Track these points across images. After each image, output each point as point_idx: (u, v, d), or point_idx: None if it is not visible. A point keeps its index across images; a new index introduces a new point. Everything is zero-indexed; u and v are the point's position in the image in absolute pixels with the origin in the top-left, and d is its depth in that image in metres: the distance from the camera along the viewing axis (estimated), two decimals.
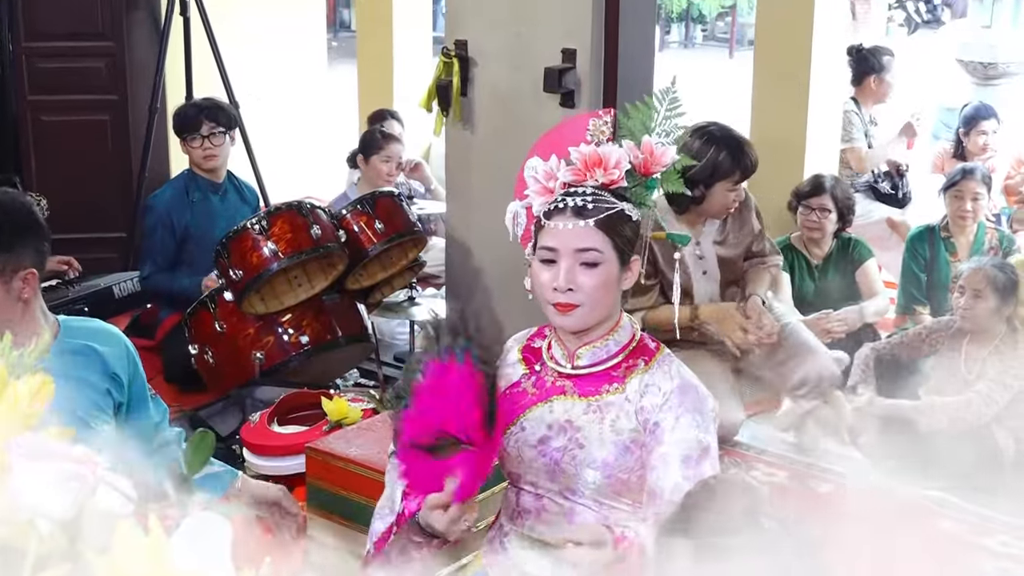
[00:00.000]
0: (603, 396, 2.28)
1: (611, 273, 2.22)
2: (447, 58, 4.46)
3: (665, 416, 2.22)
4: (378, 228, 4.59)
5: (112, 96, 6.13)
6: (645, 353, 2.32)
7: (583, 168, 2.26)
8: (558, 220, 2.22)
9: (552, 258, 2.23)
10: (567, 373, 2.32)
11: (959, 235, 5.28)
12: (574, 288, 2.21)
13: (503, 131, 4.46)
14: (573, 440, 2.25)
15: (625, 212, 2.23)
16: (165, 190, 4.98)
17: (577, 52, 4.18)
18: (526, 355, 2.40)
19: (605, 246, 2.20)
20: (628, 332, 2.33)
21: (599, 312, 2.25)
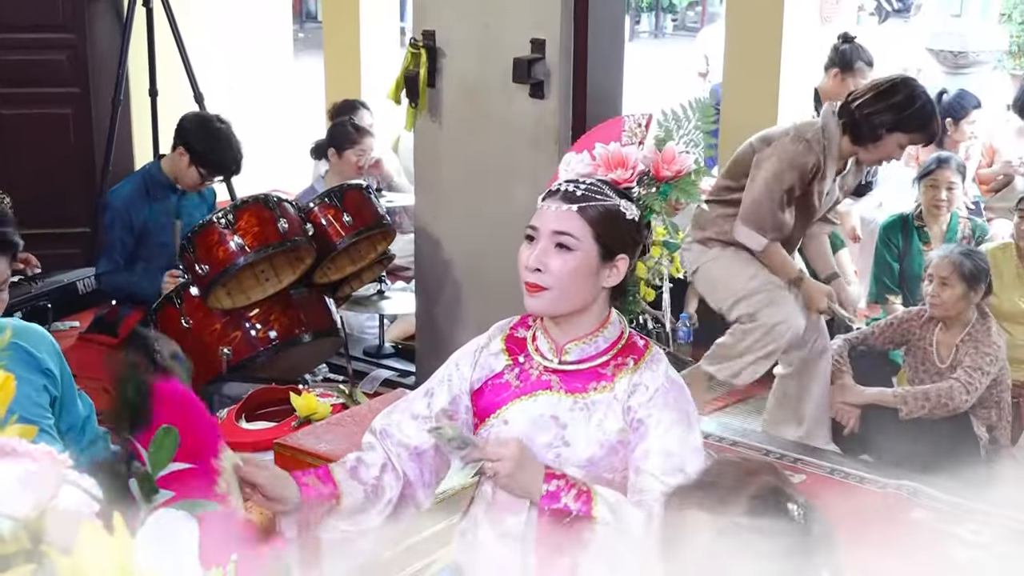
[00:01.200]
0: (590, 394, 2.24)
1: (585, 262, 2.18)
2: (415, 49, 4.43)
3: (650, 413, 2.20)
4: (346, 221, 4.55)
5: (74, 89, 6.05)
6: (634, 351, 2.28)
7: (604, 165, 2.26)
8: (548, 201, 2.21)
9: (533, 236, 2.21)
10: (553, 368, 2.27)
11: (933, 224, 5.29)
12: (542, 269, 2.18)
13: (472, 122, 4.43)
14: (559, 437, 2.22)
15: (619, 208, 2.19)
16: (124, 186, 4.90)
17: (546, 42, 4.15)
18: (509, 345, 2.34)
19: (583, 234, 2.17)
20: (616, 329, 2.30)
21: (567, 300, 2.21)
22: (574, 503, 2.09)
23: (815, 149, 4.08)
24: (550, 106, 4.22)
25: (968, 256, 4.33)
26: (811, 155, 4.06)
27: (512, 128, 4.33)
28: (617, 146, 2.27)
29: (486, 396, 2.31)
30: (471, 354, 2.36)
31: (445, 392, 2.34)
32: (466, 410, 2.32)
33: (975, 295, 4.29)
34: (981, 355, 4.22)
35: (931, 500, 3.82)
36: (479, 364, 2.34)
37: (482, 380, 2.31)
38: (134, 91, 6.08)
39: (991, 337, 4.26)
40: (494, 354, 2.34)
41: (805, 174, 4.08)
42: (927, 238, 5.28)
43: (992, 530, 3.64)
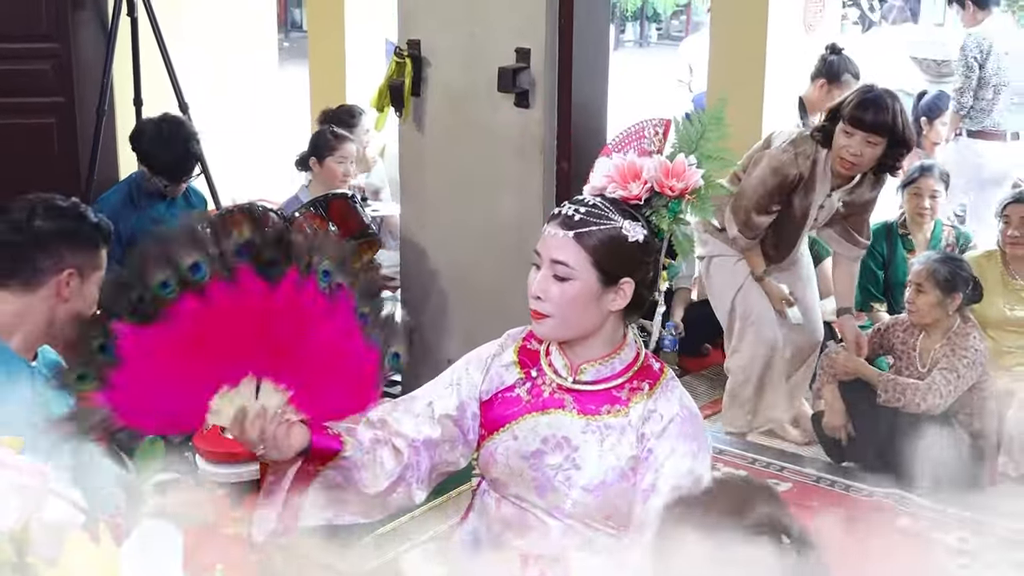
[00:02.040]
0: (603, 417, 2.19)
1: (585, 291, 2.13)
2: (400, 58, 4.43)
3: (661, 444, 2.16)
4: (331, 231, 4.54)
5: (58, 98, 6.02)
6: (650, 376, 2.23)
7: (618, 176, 2.18)
8: (551, 225, 2.16)
9: (538, 262, 2.18)
10: (567, 386, 2.22)
11: (917, 232, 5.31)
12: (542, 297, 2.15)
13: (457, 131, 4.43)
14: (569, 460, 2.18)
15: (620, 231, 2.12)
16: (111, 195, 4.89)
17: (531, 52, 4.16)
18: (522, 358, 2.29)
19: (580, 263, 2.11)
20: (632, 351, 2.25)
21: (571, 327, 2.17)
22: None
23: (800, 161, 4.22)
24: (535, 115, 4.23)
25: (945, 263, 4.33)
26: (794, 167, 4.23)
27: (497, 137, 4.33)
28: (634, 157, 2.20)
29: (495, 408, 2.26)
30: (483, 361, 2.31)
31: (453, 397, 2.28)
32: (472, 417, 2.27)
33: (951, 302, 4.29)
34: (958, 358, 4.23)
35: (918, 508, 3.83)
36: (491, 374, 2.29)
37: (492, 391, 2.27)
38: (119, 100, 6.06)
39: (969, 341, 4.26)
40: (506, 365, 2.29)
41: (785, 184, 4.25)
42: (911, 246, 5.30)
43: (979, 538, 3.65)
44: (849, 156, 4.19)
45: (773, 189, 4.26)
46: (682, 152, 2.22)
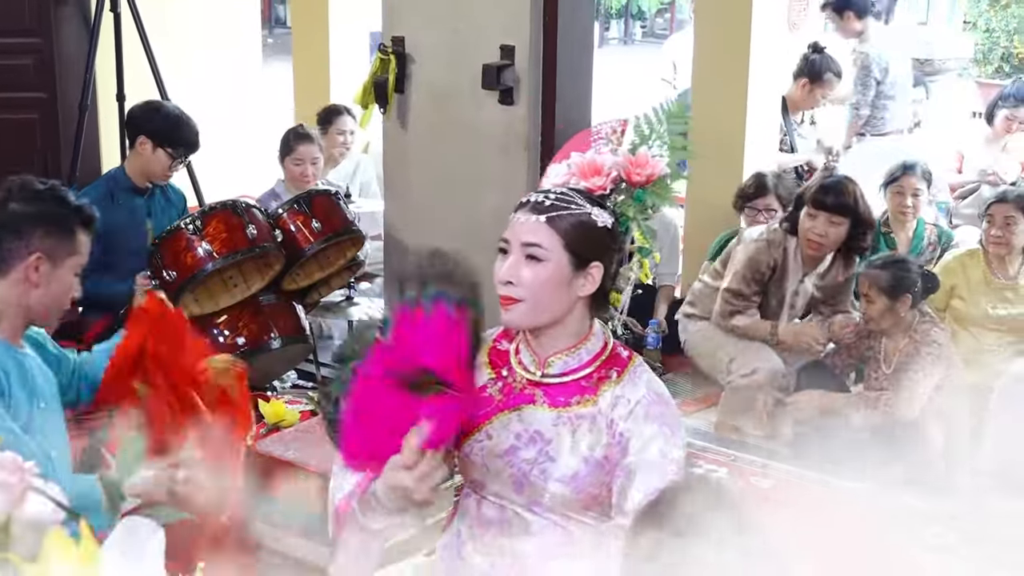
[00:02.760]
0: (573, 407, 2.21)
1: (557, 273, 2.17)
2: (384, 55, 4.43)
3: (631, 428, 2.18)
4: (315, 227, 4.54)
5: (40, 94, 5.99)
6: (617, 363, 2.25)
7: (579, 173, 2.26)
8: (518, 213, 2.20)
9: (506, 249, 2.20)
10: (536, 380, 2.25)
11: (899, 231, 5.33)
12: (514, 281, 2.17)
13: (441, 128, 4.43)
14: (543, 453, 2.19)
15: (590, 216, 2.17)
16: (89, 191, 4.85)
17: (515, 49, 4.16)
18: (492, 358, 2.32)
19: (553, 244, 2.15)
20: (600, 341, 2.28)
21: (542, 312, 2.19)
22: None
23: (772, 251, 4.53)
24: (519, 112, 4.23)
25: (886, 267, 4.30)
26: (767, 255, 4.53)
27: (481, 134, 4.33)
28: (593, 154, 2.26)
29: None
30: None
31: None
32: None
33: (901, 304, 4.26)
34: (922, 356, 4.23)
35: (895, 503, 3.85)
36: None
37: None
38: (101, 96, 6.04)
39: (931, 336, 4.26)
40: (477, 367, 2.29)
41: (761, 272, 4.53)
42: (894, 244, 5.32)
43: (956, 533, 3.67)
44: (815, 237, 4.43)
45: (750, 278, 4.53)
46: (644, 144, 2.29)
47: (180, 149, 4.71)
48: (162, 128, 4.68)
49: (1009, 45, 11.30)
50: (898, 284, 4.25)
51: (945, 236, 5.45)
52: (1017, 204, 4.77)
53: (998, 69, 11.13)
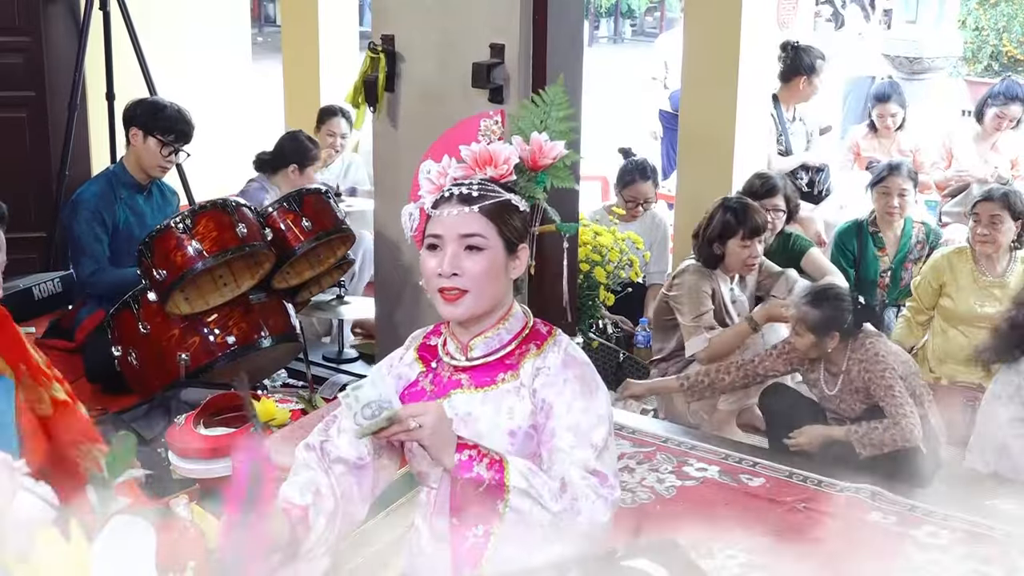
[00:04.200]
0: (499, 385, 2.27)
1: (496, 260, 2.23)
2: (374, 53, 4.42)
3: (551, 391, 2.24)
4: (305, 226, 4.53)
5: (29, 92, 5.99)
6: (537, 338, 2.32)
7: (473, 165, 2.30)
8: (444, 208, 2.24)
9: (437, 244, 2.24)
10: (462, 366, 2.31)
11: (887, 230, 5.35)
12: (459, 273, 2.21)
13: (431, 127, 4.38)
14: (474, 432, 2.23)
15: (512, 202, 2.27)
16: (91, 186, 4.87)
17: (505, 47, 4.15)
18: (422, 354, 2.39)
19: (490, 232, 2.23)
20: (520, 320, 2.34)
21: (486, 299, 2.25)
22: (486, 472, 2.10)
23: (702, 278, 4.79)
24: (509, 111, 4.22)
25: (815, 303, 4.22)
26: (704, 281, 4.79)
27: None
28: (484, 146, 2.32)
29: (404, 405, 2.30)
30: (387, 367, 2.40)
31: None
32: None
33: (830, 340, 4.21)
34: (881, 377, 4.16)
35: (888, 503, 3.85)
36: (398, 375, 2.37)
37: (399, 390, 2.32)
38: (91, 95, 6.03)
39: (875, 353, 4.19)
40: (408, 364, 2.39)
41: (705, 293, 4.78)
42: (882, 244, 5.34)
43: (949, 532, 3.67)
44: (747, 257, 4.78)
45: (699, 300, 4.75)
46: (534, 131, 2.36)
47: (169, 136, 4.73)
48: (147, 115, 4.77)
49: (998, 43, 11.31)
50: (826, 322, 4.20)
51: (933, 234, 5.47)
52: (1003, 202, 4.79)
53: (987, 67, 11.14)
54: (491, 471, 2.10)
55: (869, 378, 4.19)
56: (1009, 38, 11.33)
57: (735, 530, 3.58)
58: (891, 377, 4.15)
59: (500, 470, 2.11)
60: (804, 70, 6.21)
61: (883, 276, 5.38)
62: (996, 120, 6.38)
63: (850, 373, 4.25)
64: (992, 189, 5.05)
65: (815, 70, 6.23)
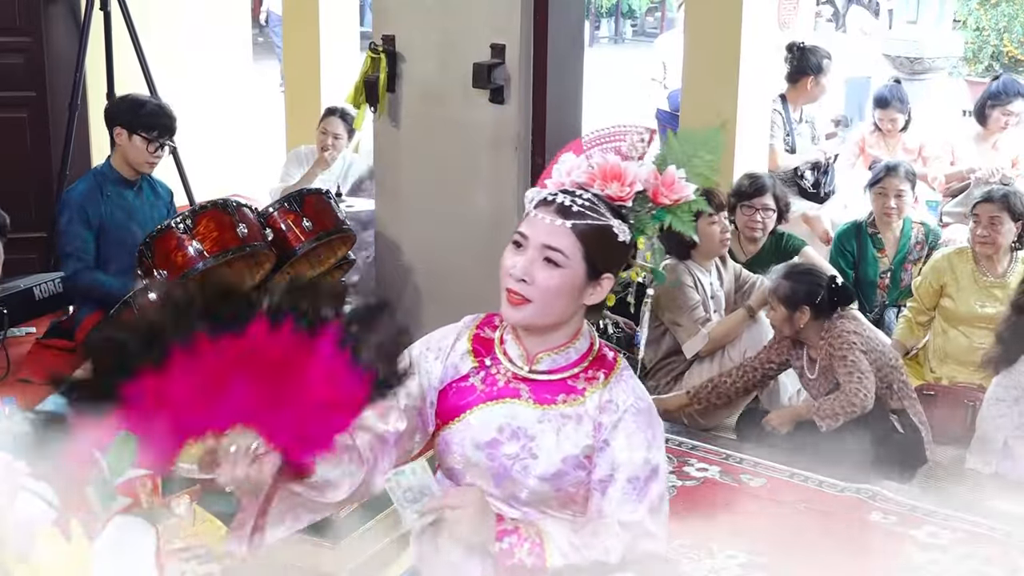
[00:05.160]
0: (559, 406, 2.20)
1: (571, 280, 2.14)
2: (374, 53, 4.42)
3: (616, 435, 2.17)
4: (306, 226, 4.53)
5: (30, 92, 5.98)
6: (604, 365, 2.24)
7: (600, 175, 2.19)
8: (540, 211, 2.15)
9: (521, 243, 2.15)
10: (523, 376, 2.23)
11: (885, 231, 5.34)
12: (528, 280, 2.13)
13: (432, 127, 4.43)
14: (526, 449, 2.18)
15: (612, 229, 2.15)
16: (78, 185, 4.88)
17: (506, 48, 4.16)
18: (476, 346, 2.28)
19: (574, 252, 2.12)
20: (587, 341, 2.26)
21: (548, 315, 2.17)
22: (528, 557, 2.09)
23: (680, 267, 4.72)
24: (510, 111, 4.23)
25: (788, 277, 4.34)
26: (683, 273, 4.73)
27: (472, 133, 4.33)
28: (617, 159, 2.20)
29: (450, 398, 2.25)
30: (441, 350, 2.30)
31: (415, 386, 2.25)
32: (431, 406, 2.26)
33: (800, 315, 4.28)
34: (841, 352, 4.23)
35: (889, 503, 3.85)
36: (447, 363, 2.28)
37: (447, 381, 2.26)
38: (91, 95, 6.03)
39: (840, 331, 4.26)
40: (460, 355, 2.28)
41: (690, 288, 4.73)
42: (881, 244, 5.33)
43: (949, 533, 3.67)
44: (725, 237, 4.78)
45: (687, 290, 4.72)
46: (673, 164, 2.23)
47: (153, 132, 4.73)
48: (128, 113, 4.76)
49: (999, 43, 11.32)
50: (794, 295, 4.28)
51: (933, 235, 5.46)
52: (1003, 204, 4.79)
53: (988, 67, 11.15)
54: (532, 555, 2.09)
55: (832, 354, 4.26)
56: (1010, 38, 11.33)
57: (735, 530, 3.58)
58: (848, 350, 4.21)
59: (541, 553, 2.09)
60: (811, 70, 6.20)
61: (883, 277, 5.37)
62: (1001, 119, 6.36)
63: (823, 354, 4.31)
64: (992, 190, 5.04)
65: (822, 70, 6.22)
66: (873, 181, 5.37)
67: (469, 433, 2.22)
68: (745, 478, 4.05)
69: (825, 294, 4.28)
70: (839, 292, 4.33)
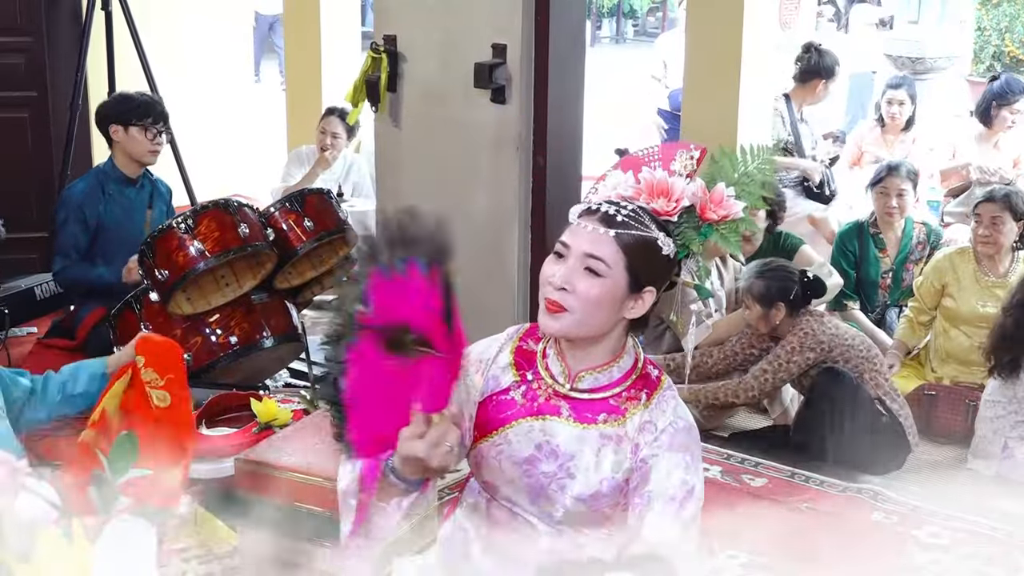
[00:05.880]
0: (600, 426, 2.16)
1: (612, 291, 2.10)
2: (376, 53, 4.42)
3: (654, 454, 2.13)
4: (307, 226, 4.53)
5: (31, 93, 5.99)
6: (648, 384, 2.21)
7: (647, 190, 2.18)
8: (584, 220, 2.13)
9: (563, 253, 2.13)
10: (564, 393, 2.19)
11: (887, 231, 5.35)
12: (568, 289, 2.10)
13: (433, 127, 4.43)
14: (564, 468, 2.15)
15: (657, 242, 2.12)
16: (78, 184, 4.89)
17: (507, 47, 4.16)
18: (518, 359, 2.25)
19: (616, 262, 2.09)
20: (631, 359, 2.22)
21: (587, 326, 2.12)
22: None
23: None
24: (511, 111, 4.23)
25: (762, 276, 4.42)
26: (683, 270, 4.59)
27: (473, 133, 4.33)
28: (664, 175, 2.19)
29: (490, 411, 2.21)
30: (483, 363, 2.27)
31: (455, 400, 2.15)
32: (470, 419, 2.21)
33: (775, 312, 4.37)
34: (781, 347, 4.34)
35: (890, 503, 3.86)
36: (488, 375, 2.25)
37: (487, 393, 2.23)
38: (93, 95, 6.03)
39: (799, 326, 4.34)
40: (502, 367, 2.25)
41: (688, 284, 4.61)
42: (882, 244, 5.34)
43: (951, 533, 3.68)
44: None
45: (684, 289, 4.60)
46: (723, 182, 2.22)
47: (148, 119, 4.75)
48: (119, 109, 4.79)
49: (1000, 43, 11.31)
50: (769, 293, 4.36)
51: (934, 235, 5.46)
52: (1004, 203, 4.79)
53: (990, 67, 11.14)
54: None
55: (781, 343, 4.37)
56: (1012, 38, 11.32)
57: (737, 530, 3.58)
58: (788, 350, 4.31)
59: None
60: (824, 73, 6.19)
61: (885, 277, 5.37)
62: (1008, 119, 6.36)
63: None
64: (994, 190, 5.04)
65: (834, 75, 6.22)
66: (875, 181, 5.37)
67: (507, 448, 2.19)
68: (746, 478, 4.05)
69: (798, 289, 4.36)
70: (811, 286, 4.41)
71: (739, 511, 3.79)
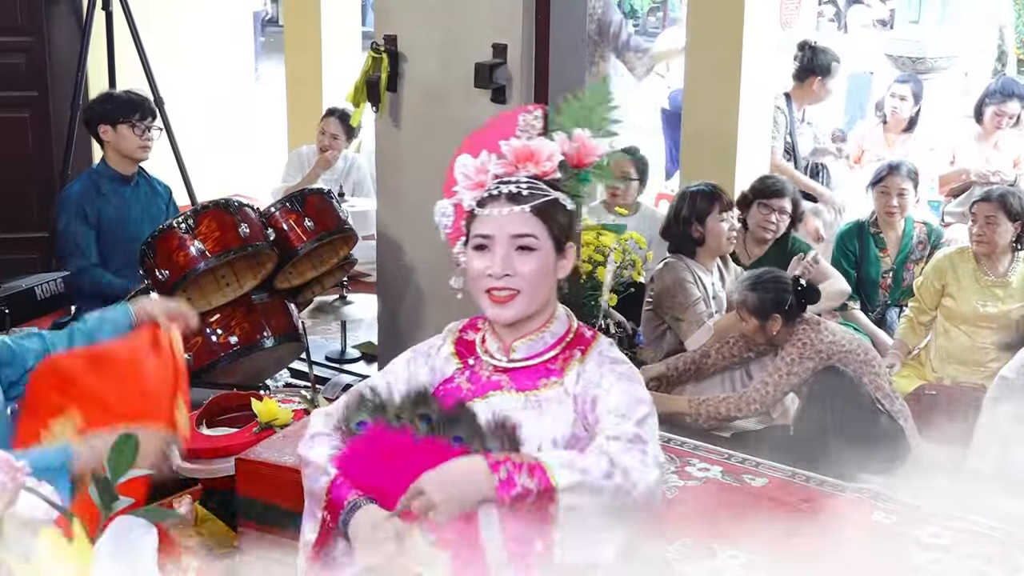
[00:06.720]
0: (541, 390, 2.21)
1: (548, 260, 2.20)
2: (376, 53, 4.42)
3: (591, 388, 2.19)
4: (308, 226, 4.53)
5: (32, 92, 5.99)
6: (581, 343, 2.27)
7: (514, 161, 2.23)
8: (492, 207, 2.19)
9: (486, 244, 2.19)
10: (503, 367, 2.25)
11: (888, 230, 5.35)
12: (511, 274, 2.17)
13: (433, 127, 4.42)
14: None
15: (559, 200, 2.21)
16: (73, 185, 4.91)
17: (508, 47, 4.15)
18: (459, 348, 2.32)
19: (541, 232, 2.18)
20: (564, 323, 2.29)
21: (537, 301, 2.21)
22: (530, 480, 1.98)
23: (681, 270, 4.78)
24: None
25: (754, 288, 4.34)
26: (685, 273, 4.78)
27: None
28: (522, 141, 2.24)
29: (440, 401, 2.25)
30: (427, 356, 2.34)
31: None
32: None
33: (772, 323, 4.31)
34: (780, 358, 4.30)
35: (891, 503, 3.85)
36: (432, 368, 2.31)
37: (434, 385, 2.28)
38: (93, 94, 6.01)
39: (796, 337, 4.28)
40: (445, 358, 2.32)
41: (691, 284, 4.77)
42: (883, 244, 5.33)
43: (951, 533, 3.67)
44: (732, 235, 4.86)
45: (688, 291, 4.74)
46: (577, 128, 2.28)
47: (135, 115, 4.76)
48: (104, 108, 4.82)
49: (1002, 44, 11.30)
50: (763, 305, 4.31)
51: (935, 234, 5.46)
52: (999, 203, 4.79)
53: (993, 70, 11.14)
54: (534, 478, 1.98)
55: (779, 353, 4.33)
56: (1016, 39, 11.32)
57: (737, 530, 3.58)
58: (788, 361, 4.26)
59: (542, 472, 1.99)
60: (820, 71, 6.18)
61: (885, 277, 5.37)
62: (995, 118, 6.36)
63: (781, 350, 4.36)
64: (991, 190, 5.04)
65: (830, 72, 6.21)
66: (875, 180, 5.37)
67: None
68: (747, 478, 4.05)
69: (793, 298, 4.30)
70: (805, 294, 4.35)
71: (740, 511, 3.79)
